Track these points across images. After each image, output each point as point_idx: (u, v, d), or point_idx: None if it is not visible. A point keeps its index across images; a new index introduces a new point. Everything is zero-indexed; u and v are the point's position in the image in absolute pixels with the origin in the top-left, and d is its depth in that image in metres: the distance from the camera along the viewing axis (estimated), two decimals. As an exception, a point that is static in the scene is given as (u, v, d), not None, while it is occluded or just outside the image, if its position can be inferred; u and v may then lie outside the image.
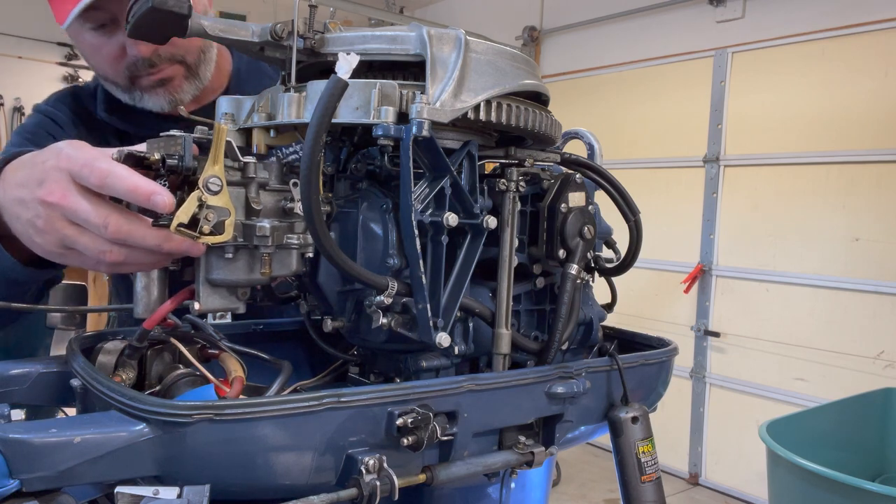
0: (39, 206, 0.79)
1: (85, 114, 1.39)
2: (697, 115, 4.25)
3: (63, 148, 0.80)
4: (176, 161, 0.77)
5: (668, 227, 4.36)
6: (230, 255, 0.81)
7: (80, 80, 5.99)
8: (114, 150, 0.79)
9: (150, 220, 0.78)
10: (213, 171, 0.77)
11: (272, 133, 0.88)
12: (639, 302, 4.47)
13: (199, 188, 0.76)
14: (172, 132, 0.81)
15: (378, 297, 0.83)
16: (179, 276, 0.87)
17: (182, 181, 0.79)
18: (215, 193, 0.77)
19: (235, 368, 0.91)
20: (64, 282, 1.52)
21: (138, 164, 0.77)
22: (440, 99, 0.80)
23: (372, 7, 5.31)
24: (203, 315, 0.92)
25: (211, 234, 0.77)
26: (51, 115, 1.36)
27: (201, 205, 0.76)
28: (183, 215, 0.75)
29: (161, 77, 1.31)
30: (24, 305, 1.01)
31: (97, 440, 0.67)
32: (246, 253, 0.83)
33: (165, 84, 1.32)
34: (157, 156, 0.77)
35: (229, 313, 1.07)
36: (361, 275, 0.81)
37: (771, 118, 3.92)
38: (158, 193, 0.75)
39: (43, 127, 1.34)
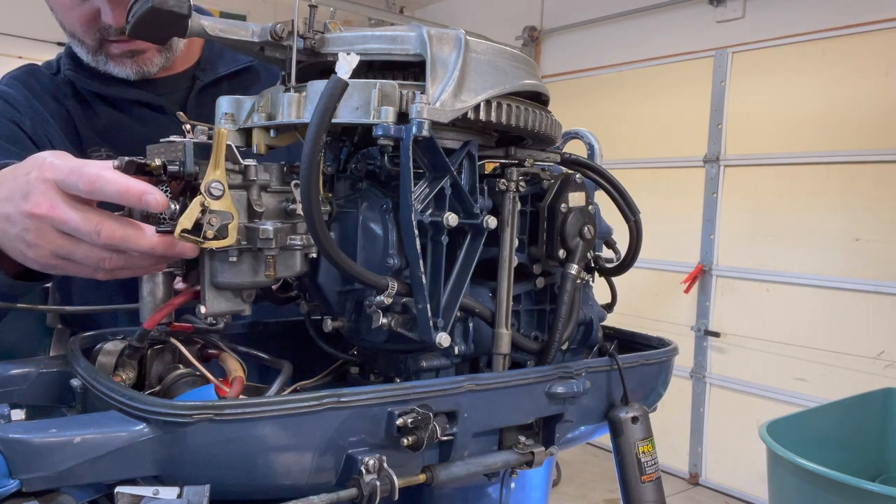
0: (27, 219, 0.77)
1: (41, 91, 1.34)
2: (697, 115, 4.25)
3: (46, 158, 0.79)
4: (177, 167, 0.77)
5: (668, 227, 4.36)
6: (234, 259, 0.81)
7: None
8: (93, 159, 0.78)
9: (143, 224, 0.78)
10: (215, 175, 0.77)
11: (272, 133, 0.88)
12: (639, 302, 4.47)
13: (201, 193, 0.76)
14: (172, 138, 0.81)
15: (378, 297, 0.83)
16: (184, 280, 0.87)
17: (184, 187, 0.79)
18: (218, 198, 0.77)
19: (235, 368, 0.91)
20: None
21: (139, 170, 0.77)
22: (440, 99, 0.80)
23: (372, 7, 5.31)
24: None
25: (214, 238, 0.77)
26: (5, 95, 1.31)
27: (204, 210, 0.76)
28: (186, 221, 0.75)
29: (133, 48, 1.28)
30: (25, 305, 1.01)
31: (97, 440, 0.67)
32: (250, 256, 0.83)
33: (136, 55, 1.29)
34: (157, 162, 0.77)
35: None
36: (361, 275, 0.81)
37: (771, 118, 3.92)
38: (150, 193, 0.75)
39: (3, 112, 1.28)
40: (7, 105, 1.30)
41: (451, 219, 0.83)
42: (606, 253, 1.12)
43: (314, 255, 0.88)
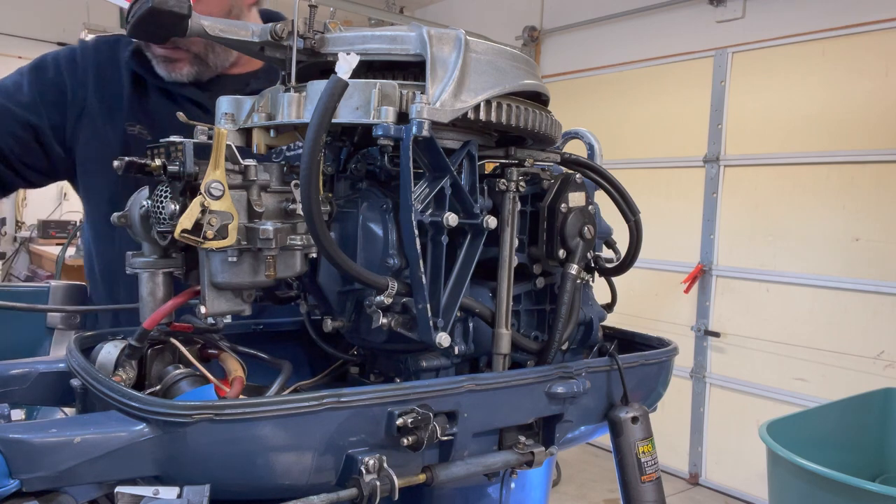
0: None
1: (106, 61, 1.44)
2: (697, 115, 4.24)
3: None
4: (177, 168, 0.77)
5: (668, 227, 4.35)
6: (234, 259, 0.81)
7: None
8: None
9: None
10: (215, 175, 0.77)
11: (272, 133, 0.88)
12: (639, 302, 4.47)
13: (201, 193, 0.76)
14: (172, 138, 0.81)
15: (378, 297, 0.83)
16: (184, 280, 0.88)
17: (184, 187, 0.79)
18: (218, 198, 0.77)
19: (235, 368, 0.91)
20: (64, 282, 1.53)
21: (139, 170, 0.77)
22: (440, 99, 0.80)
23: (372, 7, 5.30)
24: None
25: (214, 238, 0.77)
26: (61, 61, 1.43)
27: (204, 210, 0.76)
28: (186, 221, 0.75)
29: (166, 55, 1.36)
30: (25, 305, 1.01)
31: (97, 440, 0.67)
32: (250, 256, 0.83)
33: (167, 62, 1.37)
34: (158, 162, 0.77)
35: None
36: (361, 275, 0.81)
37: (771, 118, 3.92)
38: None
39: (62, 62, 1.42)
40: (58, 71, 1.42)
41: (451, 219, 0.83)
42: (606, 253, 1.12)
43: (314, 255, 0.88)
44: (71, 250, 5.08)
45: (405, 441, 0.77)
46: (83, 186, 1.45)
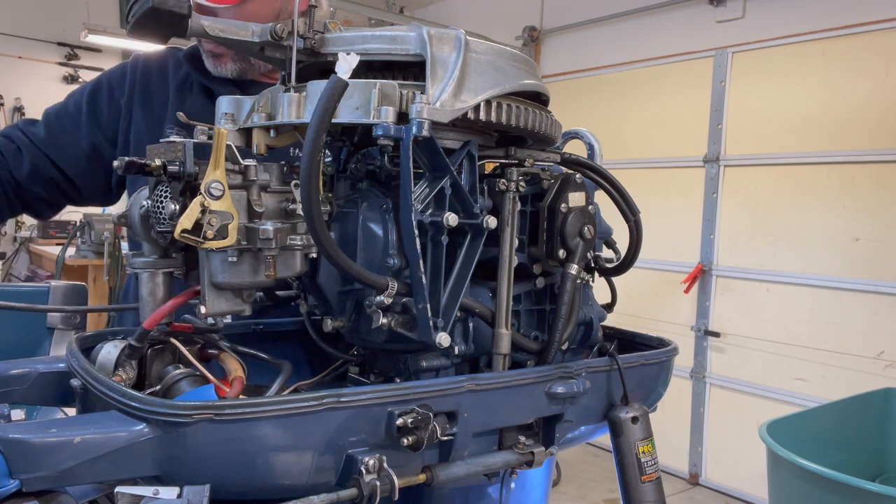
0: None
1: (157, 72, 1.51)
2: (697, 115, 4.24)
3: None
4: (177, 167, 0.77)
5: (668, 227, 4.35)
6: (234, 259, 0.81)
7: (80, 79, 6.01)
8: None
9: None
10: (215, 175, 0.77)
11: (272, 133, 0.88)
12: (639, 302, 4.47)
13: (201, 193, 0.76)
14: (172, 138, 0.81)
15: (378, 297, 0.83)
16: (184, 280, 0.88)
17: (184, 187, 0.80)
18: (217, 198, 0.77)
19: (235, 368, 0.91)
20: (64, 282, 1.53)
21: (140, 170, 0.78)
22: (440, 99, 0.80)
23: (372, 7, 5.30)
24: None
25: (214, 238, 0.77)
26: (111, 77, 1.52)
27: (204, 210, 0.76)
28: (186, 221, 0.75)
29: (212, 50, 1.40)
30: (25, 305, 1.01)
31: (97, 440, 0.67)
32: (250, 256, 0.83)
33: (214, 56, 1.41)
34: (158, 162, 0.77)
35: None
36: (361, 275, 0.81)
37: (771, 118, 3.92)
38: None
39: (114, 81, 1.51)
40: (111, 91, 1.51)
41: (451, 219, 0.83)
42: (606, 253, 1.12)
43: (314, 255, 0.88)
44: (71, 250, 5.08)
45: (405, 441, 0.77)
46: (129, 193, 1.50)
